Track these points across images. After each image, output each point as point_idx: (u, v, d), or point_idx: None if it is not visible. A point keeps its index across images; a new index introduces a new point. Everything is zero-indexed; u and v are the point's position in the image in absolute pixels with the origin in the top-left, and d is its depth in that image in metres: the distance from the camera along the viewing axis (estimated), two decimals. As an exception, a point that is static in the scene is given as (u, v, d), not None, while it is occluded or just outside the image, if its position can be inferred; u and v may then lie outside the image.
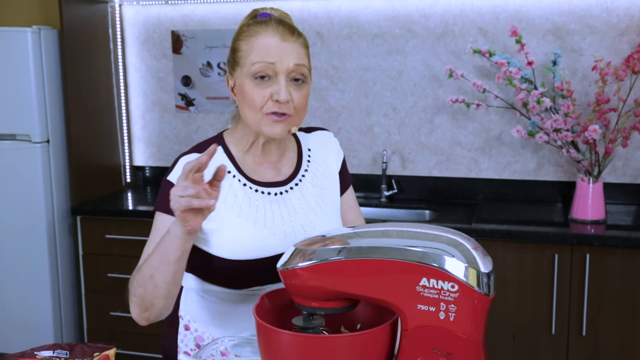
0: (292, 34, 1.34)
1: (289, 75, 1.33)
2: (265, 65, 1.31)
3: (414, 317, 1.06)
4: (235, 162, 1.43)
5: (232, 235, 1.37)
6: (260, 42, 1.33)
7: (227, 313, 1.44)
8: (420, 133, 3.18)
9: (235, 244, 1.37)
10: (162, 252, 1.23)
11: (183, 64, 3.43)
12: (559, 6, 2.93)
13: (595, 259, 2.51)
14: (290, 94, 1.33)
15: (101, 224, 3.08)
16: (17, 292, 3.16)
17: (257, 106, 1.33)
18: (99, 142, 3.35)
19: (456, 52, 3.07)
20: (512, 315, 2.62)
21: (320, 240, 1.15)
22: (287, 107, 1.33)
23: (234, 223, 1.37)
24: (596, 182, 2.70)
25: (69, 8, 3.08)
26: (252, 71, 1.32)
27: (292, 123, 1.36)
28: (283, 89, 1.31)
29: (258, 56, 1.32)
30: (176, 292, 1.29)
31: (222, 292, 1.43)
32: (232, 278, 1.40)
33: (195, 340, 1.47)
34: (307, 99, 1.38)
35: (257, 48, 1.33)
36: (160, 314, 1.31)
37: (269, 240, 1.38)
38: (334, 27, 3.21)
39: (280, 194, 1.43)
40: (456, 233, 1.11)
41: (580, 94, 2.92)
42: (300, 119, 1.39)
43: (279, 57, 1.31)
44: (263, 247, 1.37)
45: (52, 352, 1.32)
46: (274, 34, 1.33)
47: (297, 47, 1.34)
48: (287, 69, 1.32)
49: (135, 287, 1.28)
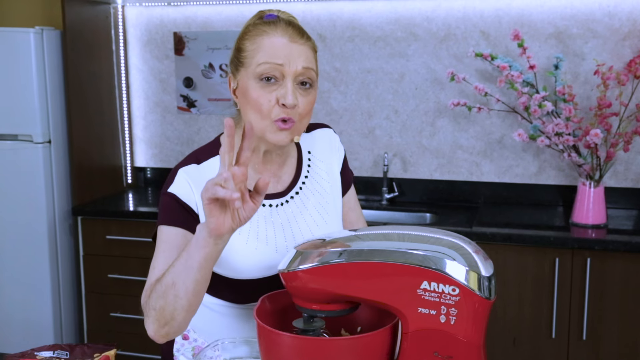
0: (302, 36, 1.29)
1: (296, 78, 1.26)
2: (272, 67, 1.25)
3: (414, 320, 1.06)
4: None
5: (232, 255, 1.32)
6: (268, 42, 1.26)
7: (229, 325, 1.41)
8: (421, 136, 3.18)
9: (237, 264, 1.32)
10: (186, 256, 1.13)
11: (185, 65, 3.43)
12: (562, 10, 2.93)
13: (596, 263, 2.51)
14: (297, 98, 1.26)
15: (102, 224, 3.08)
16: (17, 292, 3.16)
17: (263, 111, 1.26)
18: (100, 142, 3.36)
19: (458, 55, 3.07)
20: (512, 319, 2.62)
21: (321, 243, 1.15)
22: (293, 112, 1.26)
23: (233, 241, 1.30)
24: (597, 187, 2.70)
25: (71, 9, 3.09)
26: (257, 72, 1.26)
27: (297, 130, 1.30)
28: (290, 92, 1.25)
29: (265, 56, 1.25)
30: (196, 307, 1.19)
31: (224, 306, 1.41)
32: (234, 294, 1.38)
33: (193, 351, 1.45)
34: (312, 105, 1.32)
35: (264, 48, 1.26)
36: (180, 329, 1.21)
37: (272, 258, 1.34)
38: (336, 29, 3.21)
39: (281, 206, 1.38)
40: (457, 236, 1.11)
41: (582, 98, 2.92)
42: (303, 126, 1.33)
43: (287, 59, 1.25)
44: (266, 268, 1.34)
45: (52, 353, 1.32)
46: (282, 35, 1.27)
47: (305, 50, 1.28)
48: (295, 71, 1.26)
49: (154, 299, 1.18)
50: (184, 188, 1.31)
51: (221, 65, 3.38)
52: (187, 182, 1.31)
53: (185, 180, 1.31)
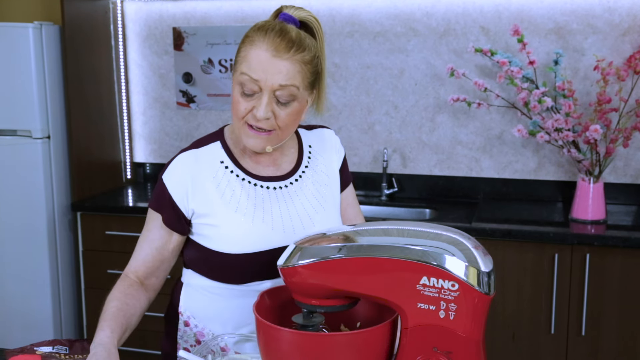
0: (288, 50, 1.29)
1: (273, 92, 1.30)
2: (249, 80, 1.30)
3: (414, 315, 1.06)
4: (233, 157, 1.43)
5: (230, 230, 1.37)
6: (253, 53, 1.30)
7: (228, 309, 1.44)
8: (421, 132, 3.18)
9: (234, 239, 1.37)
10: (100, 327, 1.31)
11: (184, 60, 3.43)
12: (561, 6, 2.92)
13: (595, 259, 2.51)
14: (273, 111, 1.31)
15: (101, 220, 3.08)
16: (17, 287, 3.16)
17: (238, 115, 1.33)
18: (99, 138, 3.35)
19: (458, 51, 3.07)
20: (511, 315, 2.63)
21: (320, 238, 1.15)
22: (266, 123, 1.32)
23: (232, 218, 1.37)
24: (597, 182, 2.70)
25: (70, 4, 3.08)
26: (239, 80, 1.32)
27: (275, 139, 1.36)
28: (262, 106, 1.29)
29: (246, 68, 1.30)
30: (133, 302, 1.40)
31: (222, 288, 1.43)
32: (231, 273, 1.40)
33: (196, 336, 1.47)
34: (295, 115, 1.35)
35: (248, 59, 1.30)
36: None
37: (267, 234, 1.38)
38: (335, 25, 3.20)
39: (280, 189, 1.43)
40: (457, 232, 1.11)
41: (582, 93, 2.92)
42: (286, 134, 1.37)
43: (265, 75, 1.28)
44: (262, 242, 1.37)
45: (51, 348, 1.32)
46: (267, 48, 1.29)
47: (288, 66, 1.29)
48: (272, 87, 1.29)
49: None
50: (177, 175, 1.40)
51: (220, 60, 3.37)
52: (181, 168, 1.40)
53: (180, 167, 1.41)
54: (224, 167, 1.41)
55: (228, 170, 1.41)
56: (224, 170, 1.41)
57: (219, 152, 1.43)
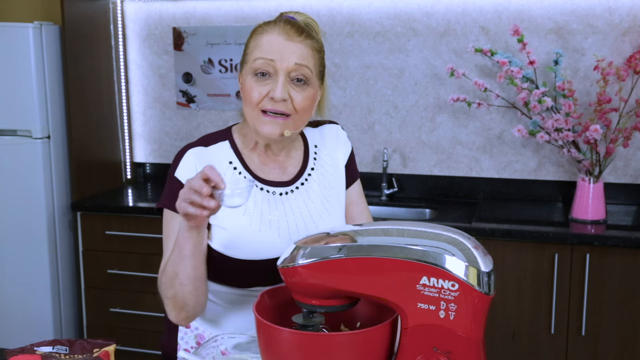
0: (300, 34, 1.34)
1: (289, 74, 1.32)
2: (265, 62, 1.31)
3: (414, 315, 1.06)
4: (241, 158, 1.42)
5: (237, 234, 1.36)
6: (265, 39, 1.33)
7: (229, 313, 1.44)
8: (421, 132, 3.18)
9: (240, 244, 1.36)
10: (178, 248, 1.26)
11: (184, 60, 3.43)
12: (561, 5, 2.92)
13: (595, 259, 2.51)
14: (289, 93, 1.32)
15: (101, 220, 3.07)
16: (17, 287, 3.16)
17: (253, 102, 1.33)
18: (99, 138, 3.35)
19: (458, 50, 3.07)
20: (511, 315, 2.62)
21: (320, 237, 1.15)
22: (284, 105, 1.31)
23: (239, 221, 1.37)
24: (597, 182, 2.70)
25: (70, 4, 3.08)
26: (253, 67, 1.33)
27: (292, 125, 1.35)
28: (280, 86, 1.30)
29: (260, 52, 1.32)
30: (204, 288, 1.32)
31: (224, 292, 1.43)
32: (235, 276, 1.40)
33: (196, 339, 1.47)
34: (311, 100, 1.36)
35: (261, 45, 1.33)
36: (196, 312, 1.34)
37: (274, 241, 1.37)
38: (335, 24, 3.20)
39: (285, 194, 1.42)
40: (457, 232, 1.11)
41: (582, 93, 2.92)
42: (303, 121, 1.37)
43: (280, 55, 1.31)
44: (268, 249, 1.37)
45: (51, 348, 1.32)
46: (279, 33, 1.33)
47: (301, 48, 1.33)
48: (287, 67, 1.31)
49: (164, 290, 1.32)
50: (190, 171, 1.37)
51: (220, 60, 3.37)
52: (193, 163, 1.38)
53: (192, 161, 1.38)
54: (232, 168, 1.40)
55: (236, 171, 1.40)
56: (232, 171, 1.40)
57: (228, 152, 1.42)
